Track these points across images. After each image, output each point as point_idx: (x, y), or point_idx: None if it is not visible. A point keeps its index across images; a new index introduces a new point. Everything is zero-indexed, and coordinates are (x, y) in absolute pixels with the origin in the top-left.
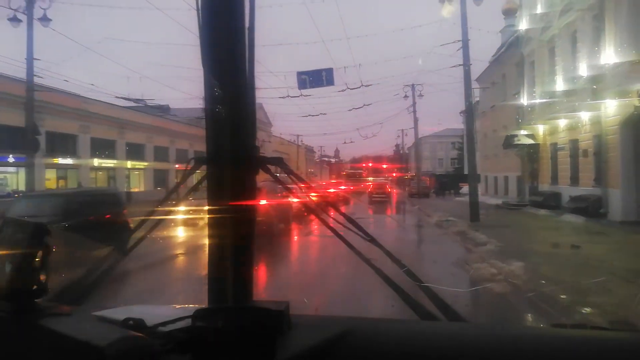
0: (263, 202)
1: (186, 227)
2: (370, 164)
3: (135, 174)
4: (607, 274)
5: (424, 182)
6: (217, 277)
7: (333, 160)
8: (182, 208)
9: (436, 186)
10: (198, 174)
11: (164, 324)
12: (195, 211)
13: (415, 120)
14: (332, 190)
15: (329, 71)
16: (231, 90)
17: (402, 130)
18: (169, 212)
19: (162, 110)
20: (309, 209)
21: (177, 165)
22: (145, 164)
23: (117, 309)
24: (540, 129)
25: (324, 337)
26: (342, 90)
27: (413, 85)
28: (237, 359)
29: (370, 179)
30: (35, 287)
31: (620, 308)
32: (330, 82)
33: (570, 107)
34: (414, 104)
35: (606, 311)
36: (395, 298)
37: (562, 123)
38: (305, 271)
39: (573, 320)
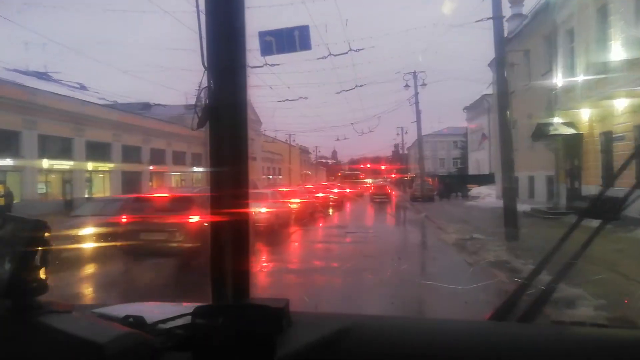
0: (195, 218)
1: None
2: (368, 165)
3: (100, 177)
4: None
5: (429, 184)
6: (217, 275)
7: (330, 161)
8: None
9: (440, 188)
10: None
11: (164, 321)
12: (74, 238)
13: (418, 113)
14: (321, 194)
15: (304, 30)
16: (231, 90)
17: (402, 128)
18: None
19: (143, 107)
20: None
21: (151, 167)
22: (112, 165)
23: (117, 307)
24: (585, 114)
25: (324, 334)
26: (324, 58)
27: (415, 72)
28: (237, 356)
29: (370, 180)
30: (35, 284)
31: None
32: (305, 45)
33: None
34: (416, 94)
35: None
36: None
37: (622, 104)
38: None
39: (573, 318)
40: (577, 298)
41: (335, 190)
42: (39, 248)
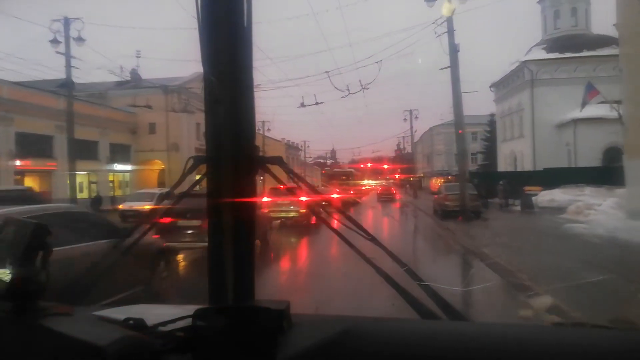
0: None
1: None
2: (369, 165)
3: None
4: None
5: (470, 185)
6: (217, 276)
7: (329, 161)
8: None
9: None
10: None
11: (164, 323)
12: None
13: (453, 48)
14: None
15: None
16: (231, 90)
17: (411, 111)
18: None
19: (62, 85)
20: None
21: (18, 163)
22: None
23: (117, 309)
24: None
25: (325, 336)
26: None
27: None
28: (237, 359)
29: (372, 182)
30: (35, 286)
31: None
32: None
33: None
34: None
35: None
36: (395, 297)
37: None
38: None
39: (573, 319)
40: None
41: (304, 199)
42: (40, 250)
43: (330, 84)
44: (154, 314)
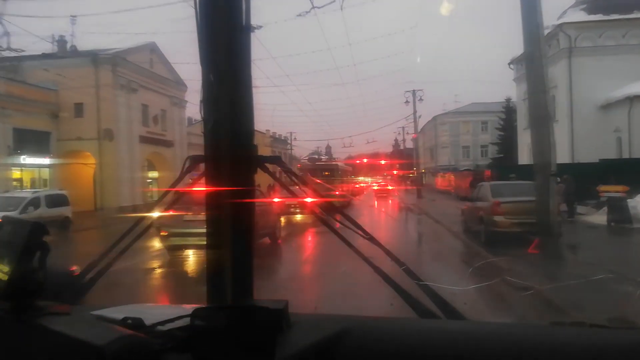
0: None
1: None
2: (365, 160)
3: None
4: None
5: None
6: (215, 276)
7: (323, 157)
8: None
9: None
10: None
11: (163, 323)
12: None
13: None
14: None
15: None
16: (229, 89)
17: (414, 91)
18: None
19: None
20: None
21: None
22: None
23: (115, 308)
24: None
25: (323, 335)
26: None
27: None
28: (236, 358)
29: (368, 179)
30: (34, 286)
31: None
32: None
33: None
34: None
35: None
36: (394, 296)
37: None
38: None
39: (572, 318)
40: None
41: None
42: (37, 250)
43: None
44: (152, 313)
